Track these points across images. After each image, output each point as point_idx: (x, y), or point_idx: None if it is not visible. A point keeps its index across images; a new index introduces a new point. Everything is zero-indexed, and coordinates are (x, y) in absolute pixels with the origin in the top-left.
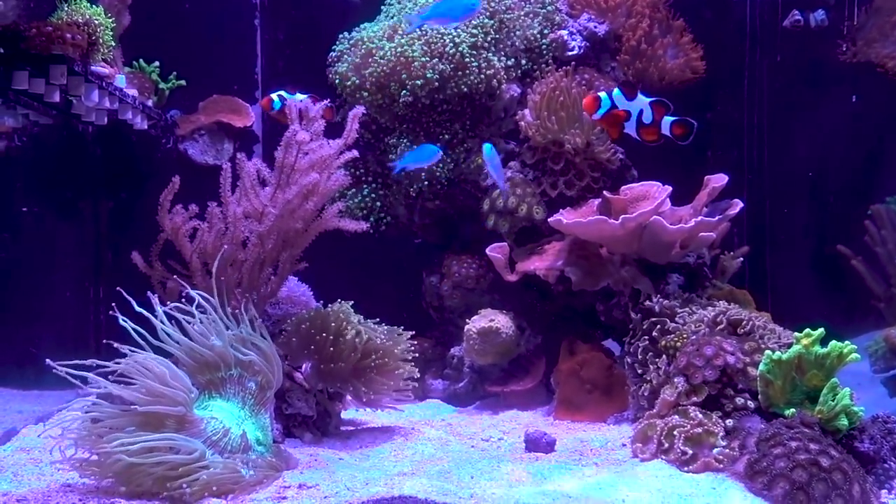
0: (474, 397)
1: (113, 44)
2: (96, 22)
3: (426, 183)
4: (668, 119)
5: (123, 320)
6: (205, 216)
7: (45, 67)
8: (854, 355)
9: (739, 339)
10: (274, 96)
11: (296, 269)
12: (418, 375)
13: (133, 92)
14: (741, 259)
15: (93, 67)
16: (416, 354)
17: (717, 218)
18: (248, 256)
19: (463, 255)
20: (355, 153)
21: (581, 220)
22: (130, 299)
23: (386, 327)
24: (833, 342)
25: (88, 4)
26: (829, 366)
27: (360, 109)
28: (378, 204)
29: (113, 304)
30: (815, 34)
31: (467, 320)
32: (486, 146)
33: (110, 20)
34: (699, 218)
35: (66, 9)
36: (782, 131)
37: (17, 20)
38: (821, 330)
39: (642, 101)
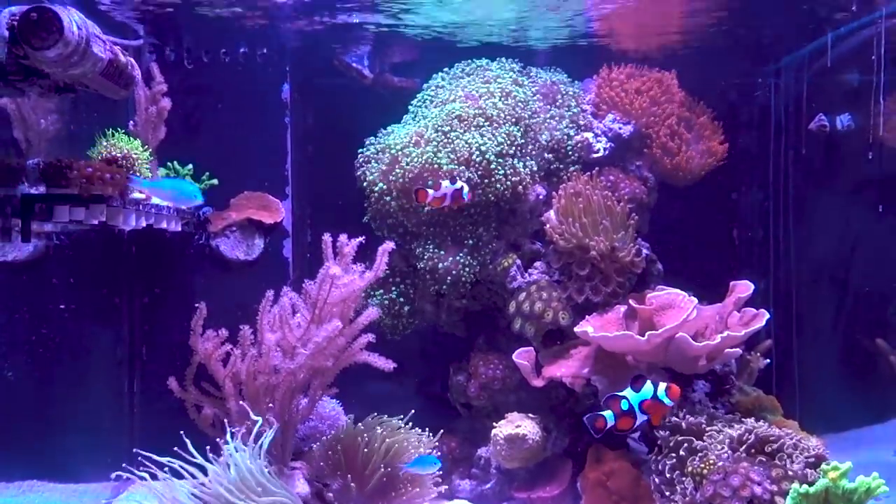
0: (501, 498)
1: (149, 174)
2: (134, 156)
3: (451, 289)
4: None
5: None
6: (237, 339)
7: (86, 204)
8: (883, 488)
9: (766, 464)
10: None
11: (327, 393)
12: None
13: (167, 203)
14: (767, 360)
15: (130, 196)
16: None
17: (742, 333)
18: (281, 384)
19: (489, 354)
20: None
21: (607, 335)
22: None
23: (413, 434)
24: (860, 478)
25: (126, 138)
26: (856, 500)
27: (389, 245)
28: (406, 308)
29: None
30: (842, 134)
31: (494, 424)
32: None
33: (146, 152)
34: (725, 334)
35: (104, 143)
36: (809, 215)
37: (58, 133)
38: (848, 464)
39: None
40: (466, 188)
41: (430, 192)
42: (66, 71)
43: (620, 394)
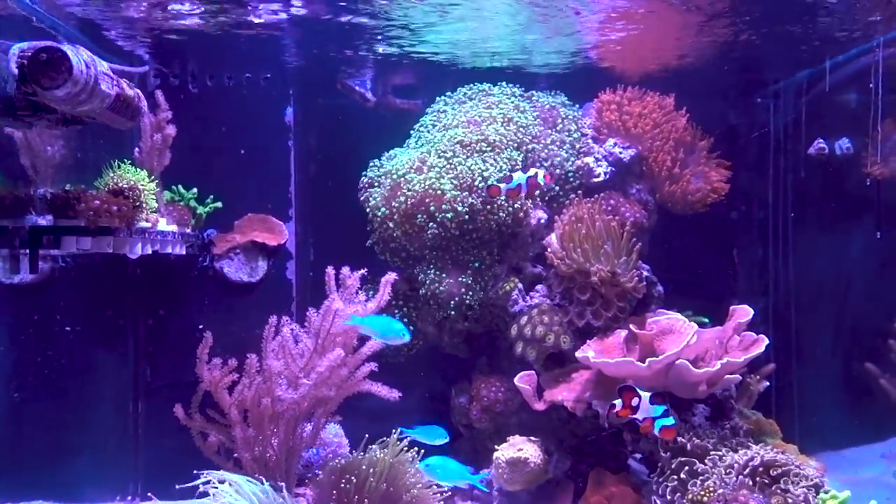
0: None
1: (155, 204)
2: (140, 187)
3: (453, 313)
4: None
5: None
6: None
7: (93, 234)
8: None
9: (767, 491)
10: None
11: (330, 420)
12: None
13: (173, 227)
14: (767, 383)
15: (137, 225)
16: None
17: (742, 358)
18: (285, 411)
19: (491, 376)
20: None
21: (608, 361)
22: None
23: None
24: None
25: (133, 168)
26: None
27: (392, 276)
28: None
29: None
30: (841, 159)
31: (496, 447)
32: None
33: (152, 182)
34: (725, 360)
35: (111, 174)
36: (808, 238)
37: (63, 159)
38: (847, 493)
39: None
40: (542, 173)
41: (502, 186)
42: (75, 108)
43: (640, 391)
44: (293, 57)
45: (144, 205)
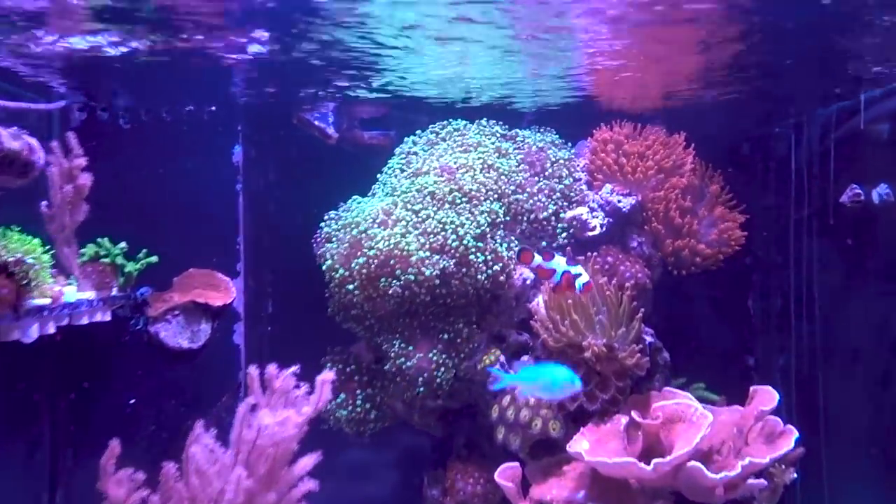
0: None
1: (51, 280)
2: (30, 261)
3: (422, 389)
4: None
5: None
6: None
7: None
8: None
9: None
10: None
11: None
12: None
13: (88, 294)
14: (794, 474)
15: (30, 304)
16: None
17: (768, 459)
18: None
19: (469, 464)
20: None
21: (605, 461)
22: None
23: None
24: None
25: (24, 237)
26: None
27: (330, 375)
28: (374, 413)
29: None
30: (880, 208)
31: None
32: None
33: (47, 255)
34: (747, 460)
35: None
36: (836, 293)
37: None
38: None
39: None
40: (585, 278)
41: (537, 257)
42: None
43: None
44: (242, 89)
45: (36, 280)
